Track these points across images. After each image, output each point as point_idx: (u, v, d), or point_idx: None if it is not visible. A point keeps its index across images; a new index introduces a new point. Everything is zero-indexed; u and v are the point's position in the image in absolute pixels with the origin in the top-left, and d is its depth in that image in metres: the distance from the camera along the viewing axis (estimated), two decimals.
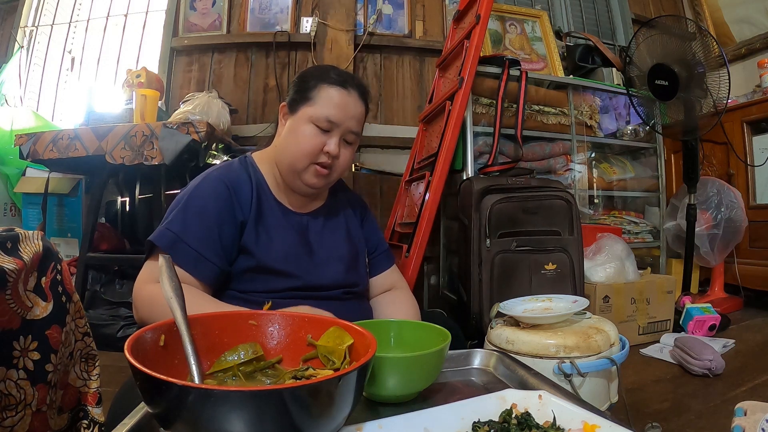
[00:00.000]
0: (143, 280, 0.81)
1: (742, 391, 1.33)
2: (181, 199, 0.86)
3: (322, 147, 0.88)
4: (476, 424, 0.45)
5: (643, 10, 3.14)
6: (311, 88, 0.90)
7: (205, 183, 0.88)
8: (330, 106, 0.88)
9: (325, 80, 0.90)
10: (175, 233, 0.81)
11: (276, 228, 0.90)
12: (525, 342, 0.85)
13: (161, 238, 0.81)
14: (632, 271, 1.85)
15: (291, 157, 0.89)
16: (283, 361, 0.54)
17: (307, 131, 0.88)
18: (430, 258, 2.33)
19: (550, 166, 2.20)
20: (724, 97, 1.99)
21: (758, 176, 2.34)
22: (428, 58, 2.75)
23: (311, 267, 0.91)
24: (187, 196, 0.86)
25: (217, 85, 2.66)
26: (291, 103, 0.92)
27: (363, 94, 0.93)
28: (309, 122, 0.88)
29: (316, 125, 0.88)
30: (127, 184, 2.34)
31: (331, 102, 0.88)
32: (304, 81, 0.92)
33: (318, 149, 0.88)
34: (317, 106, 0.88)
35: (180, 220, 0.83)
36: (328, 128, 0.88)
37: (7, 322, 0.62)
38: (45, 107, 2.89)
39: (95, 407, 0.79)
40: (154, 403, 0.39)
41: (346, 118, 0.89)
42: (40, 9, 2.97)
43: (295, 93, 0.92)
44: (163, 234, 0.82)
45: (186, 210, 0.84)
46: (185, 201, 0.86)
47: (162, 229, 0.83)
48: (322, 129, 0.88)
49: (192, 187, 0.88)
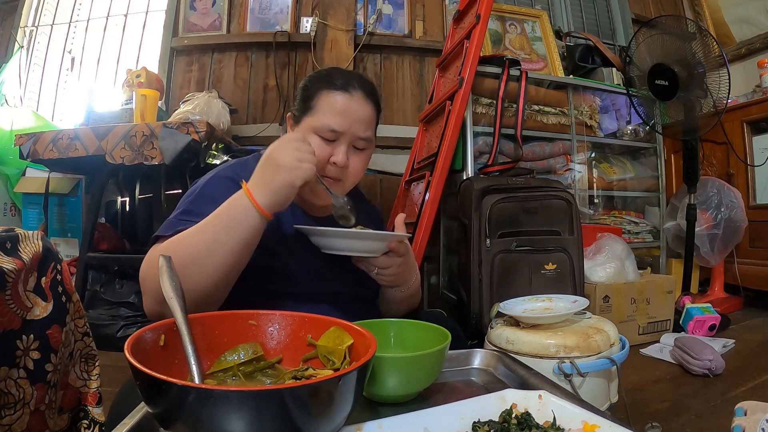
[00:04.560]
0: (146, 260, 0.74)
1: (742, 391, 1.33)
2: (193, 192, 0.84)
3: (328, 158, 0.82)
4: (476, 424, 0.45)
5: (643, 10, 3.14)
6: (312, 97, 0.85)
7: (217, 177, 0.85)
8: (332, 114, 0.82)
9: (325, 86, 0.85)
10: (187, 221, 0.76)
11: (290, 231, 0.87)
12: (525, 342, 0.85)
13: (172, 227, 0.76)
14: (632, 271, 1.85)
15: None
16: (283, 361, 0.54)
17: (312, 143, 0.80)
18: (430, 258, 2.33)
19: (550, 166, 2.20)
20: (724, 97, 1.99)
21: (758, 176, 2.34)
22: (428, 58, 2.76)
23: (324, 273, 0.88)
24: (199, 189, 0.83)
25: (217, 85, 2.66)
26: (295, 114, 0.89)
27: (369, 93, 0.87)
28: (313, 133, 0.83)
29: (320, 136, 0.82)
30: (127, 184, 2.34)
31: (332, 109, 0.83)
32: (305, 89, 0.88)
33: (324, 161, 0.82)
34: (319, 115, 0.83)
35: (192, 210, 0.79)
36: (333, 138, 0.83)
37: (8, 323, 0.62)
38: (45, 107, 2.89)
39: (95, 407, 0.79)
40: (154, 403, 0.39)
41: (351, 125, 0.83)
42: (40, 9, 2.97)
43: (299, 102, 0.88)
44: (174, 223, 0.77)
45: (197, 201, 0.81)
46: (197, 193, 0.82)
47: (172, 219, 0.79)
48: (327, 139, 0.83)
49: (204, 181, 0.86)
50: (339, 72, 0.88)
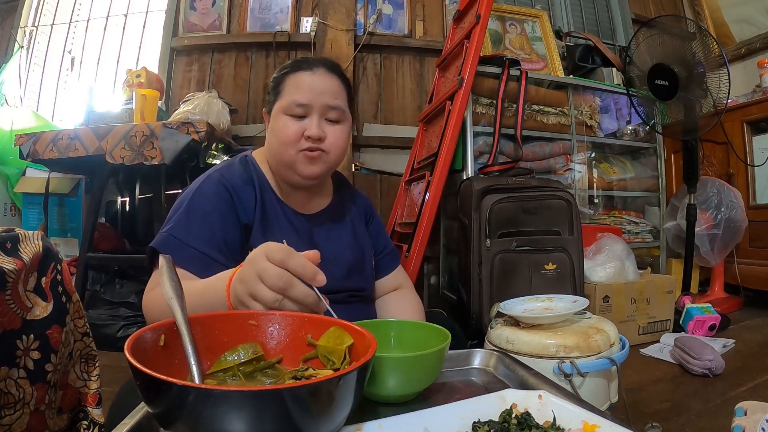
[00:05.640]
0: (148, 289, 0.79)
1: (742, 391, 1.33)
2: (182, 203, 0.85)
3: (302, 132, 0.86)
4: (476, 424, 0.45)
5: (643, 10, 3.14)
6: (280, 83, 0.90)
7: (205, 185, 0.87)
8: (297, 90, 0.87)
9: (290, 70, 0.90)
10: (178, 238, 0.79)
11: (282, 232, 0.89)
12: (525, 342, 0.85)
13: (164, 244, 0.79)
14: (632, 271, 1.85)
15: (277, 154, 0.88)
16: (283, 361, 0.54)
17: (282, 123, 0.87)
18: (430, 258, 2.33)
19: (550, 166, 2.20)
20: (724, 97, 1.99)
21: (758, 176, 2.34)
22: (428, 58, 2.76)
23: None
24: (188, 200, 0.85)
25: (217, 85, 2.66)
26: (268, 106, 0.93)
27: (331, 68, 0.90)
28: (283, 114, 0.87)
29: (290, 114, 0.87)
30: (127, 184, 2.34)
31: (297, 86, 0.87)
32: (274, 80, 0.93)
33: (298, 135, 0.86)
34: (285, 96, 0.88)
35: (182, 225, 0.81)
36: (303, 113, 0.87)
37: (8, 323, 0.62)
38: (45, 107, 2.89)
39: (95, 408, 0.79)
40: (154, 403, 0.39)
41: (316, 96, 0.86)
42: (40, 9, 2.97)
43: (270, 94, 0.93)
44: (166, 240, 0.80)
45: (188, 213, 0.83)
46: (186, 204, 0.84)
47: (164, 234, 0.81)
48: (298, 116, 0.87)
49: (192, 190, 0.87)
50: (303, 58, 0.93)
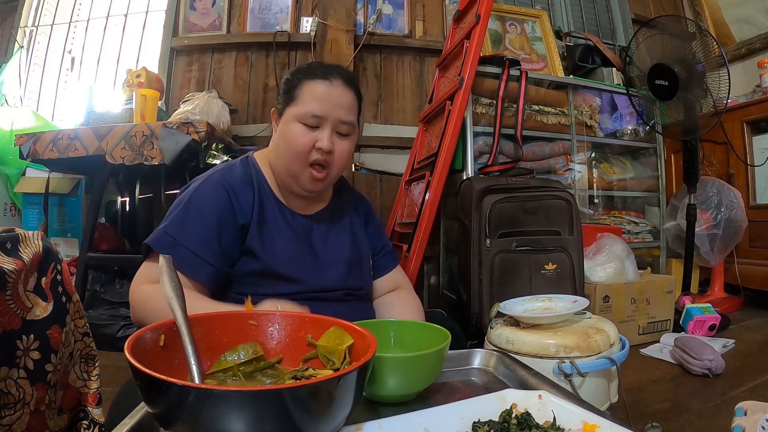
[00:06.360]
0: (137, 282, 0.81)
1: (742, 391, 1.33)
2: (181, 201, 0.86)
3: (313, 144, 0.86)
4: (476, 424, 0.45)
5: (643, 10, 3.14)
6: (294, 88, 0.89)
7: (205, 185, 0.88)
8: (313, 100, 0.86)
9: (306, 76, 0.88)
10: (172, 236, 0.81)
11: (279, 232, 0.89)
12: (525, 342, 0.85)
13: (158, 242, 0.81)
14: (632, 271, 1.85)
15: (285, 161, 0.88)
16: (283, 361, 0.54)
17: (295, 131, 0.86)
18: (430, 258, 2.33)
19: (550, 166, 2.20)
20: (724, 97, 1.99)
21: (758, 176, 2.34)
22: (428, 58, 2.75)
23: (314, 271, 0.90)
24: (187, 199, 0.86)
25: (217, 85, 2.66)
26: (279, 108, 0.92)
27: (349, 81, 0.90)
28: (296, 121, 0.86)
29: (304, 123, 0.86)
30: (127, 184, 2.34)
31: (313, 96, 0.86)
32: (287, 82, 0.91)
33: (309, 147, 0.86)
34: (301, 104, 0.86)
35: (178, 223, 0.82)
36: (316, 124, 0.86)
37: (8, 323, 0.62)
38: (45, 107, 2.89)
39: (95, 408, 0.79)
40: (154, 403, 0.39)
41: (332, 109, 0.86)
42: (40, 9, 2.97)
43: (281, 95, 0.92)
44: (161, 237, 0.81)
45: (185, 212, 0.84)
46: (184, 203, 0.85)
47: (160, 231, 0.82)
48: (311, 126, 0.86)
49: (192, 189, 0.88)
50: (319, 64, 0.93)
